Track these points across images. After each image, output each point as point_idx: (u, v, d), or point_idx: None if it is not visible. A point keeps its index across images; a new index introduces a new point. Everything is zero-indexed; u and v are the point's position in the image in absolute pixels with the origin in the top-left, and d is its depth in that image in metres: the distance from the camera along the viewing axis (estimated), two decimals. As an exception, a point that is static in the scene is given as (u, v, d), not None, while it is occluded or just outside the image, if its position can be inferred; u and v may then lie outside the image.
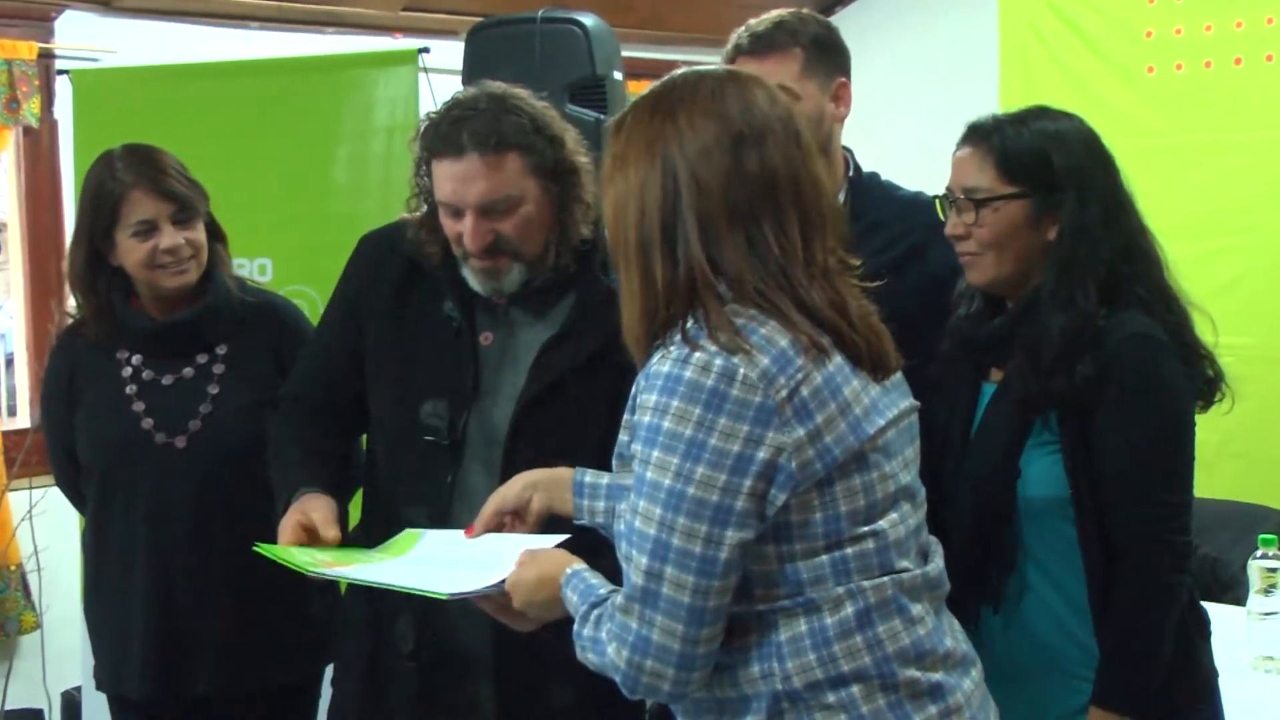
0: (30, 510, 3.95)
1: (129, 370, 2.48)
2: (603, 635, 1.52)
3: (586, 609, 1.57)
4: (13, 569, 4.06)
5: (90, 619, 2.57)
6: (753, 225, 1.51)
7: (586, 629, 1.56)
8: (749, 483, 1.45)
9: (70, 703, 3.91)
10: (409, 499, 2.05)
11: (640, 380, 1.52)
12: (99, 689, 2.59)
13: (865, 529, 1.52)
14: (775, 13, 2.26)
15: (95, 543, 2.51)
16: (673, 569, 1.46)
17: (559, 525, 1.82)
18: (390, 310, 2.11)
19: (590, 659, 1.56)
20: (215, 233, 2.51)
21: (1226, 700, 2.06)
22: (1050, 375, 1.91)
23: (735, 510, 1.46)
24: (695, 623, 1.47)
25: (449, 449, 2.03)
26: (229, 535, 2.36)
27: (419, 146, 2.02)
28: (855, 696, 1.51)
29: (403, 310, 2.10)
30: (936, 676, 1.55)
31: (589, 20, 3.28)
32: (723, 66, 1.77)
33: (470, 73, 3.25)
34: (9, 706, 4.02)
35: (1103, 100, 4.26)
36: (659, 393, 1.47)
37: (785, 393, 1.45)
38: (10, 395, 4.40)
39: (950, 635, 1.60)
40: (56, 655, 4.01)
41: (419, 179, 2.05)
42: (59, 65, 4.05)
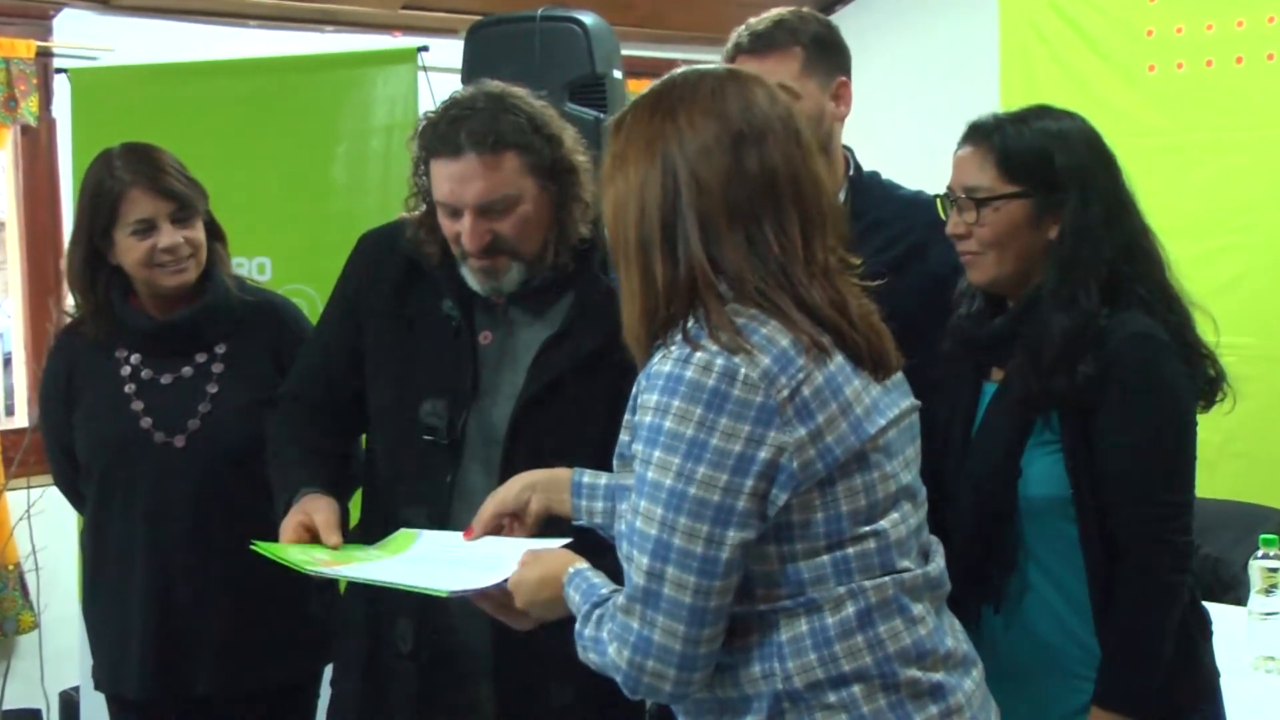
0: (28, 510, 3.94)
1: (128, 369, 2.47)
2: (604, 635, 1.52)
3: (589, 609, 1.57)
4: (11, 569, 4.06)
5: (88, 619, 2.57)
6: (753, 224, 1.50)
7: (588, 629, 1.56)
8: (750, 483, 1.45)
9: (68, 703, 3.91)
10: (408, 498, 2.05)
11: (641, 380, 1.52)
12: (97, 689, 2.59)
13: (866, 529, 1.52)
14: (775, 11, 2.25)
15: (94, 542, 2.51)
16: (674, 569, 1.46)
17: (557, 526, 1.82)
18: (389, 309, 2.11)
19: (592, 659, 1.55)
20: (214, 232, 2.51)
21: (1227, 700, 2.05)
22: (1051, 375, 1.90)
23: (737, 510, 1.45)
24: (697, 623, 1.46)
25: (448, 448, 2.02)
26: (228, 535, 2.36)
27: (417, 146, 2.02)
28: (856, 696, 1.50)
29: (402, 309, 2.10)
30: (937, 676, 1.54)
31: (589, 19, 3.27)
32: (723, 65, 1.77)
33: (469, 71, 3.24)
34: (7, 707, 4.01)
35: (1103, 99, 4.26)
36: (660, 393, 1.46)
37: (787, 392, 1.45)
38: (8, 394, 4.40)
39: (951, 635, 1.60)
40: (54, 655, 4.01)
41: (417, 178, 2.05)
42: (57, 64, 4.06)
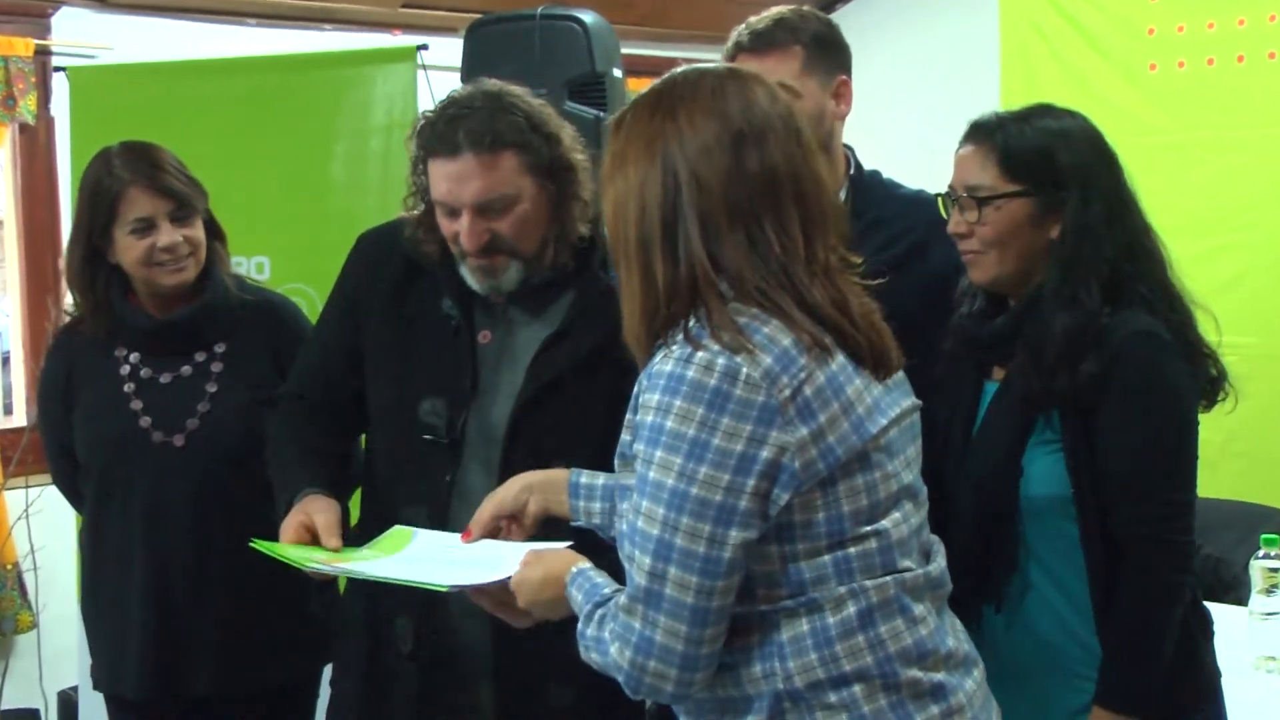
0: (27, 509, 3.94)
1: (127, 368, 2.47)
2: (606, 635, 1.52)
3: (591, 608, 1.57)
4: (9, 568, 4.06)
5: (87, 618, 2.56)
6: (754, 223, 1.50)
7: (590, 629, 1.55)
8: (752, 482, 1.45)
9: (67, 703, 3.91)
10: (408, 498, 2.04)
11: (643, 380, 1.52)
12: (96, 689, 2.58)
13: (868, 528, 1.51)
14: (776, 10, 2.25)
15: (92, 541, 2.51)
16: (676, 569, 1.45)
17: (555, 527, 1.81)
18: (389, 309, 2.10)
19: (593, 659, 1.55)
20: (214, 231, 2.50)
21: (1228, 701, 2.05)
22: (1053, 374, 1.90)
23: (739, 510, 1.45)
24: (699, 623, 1.46)
25: (448, 448, 2.02)
26: (227, 534, 2.35)
27: (415, 145, 2.01)
28: (857, 696, 1.50)
29: (401, 309, 2.10)
30: (938, 676, 1.54)
31: (589, 17, 3.27)
32: (723, 64, 1.77)
33: (469, 70, 3.24)
34: (5, 707, 4.01)
35: (1104, 98, 4.25)
36: (662, 392, 1.46)
37: (788, 392, 1.45)
38: (6, 393, 4.39)
39: (952, 635, 1.60)
40: (53, 655, 4.01)
41: (415, 178, 2.04)
42: (55, 62, 4.05)
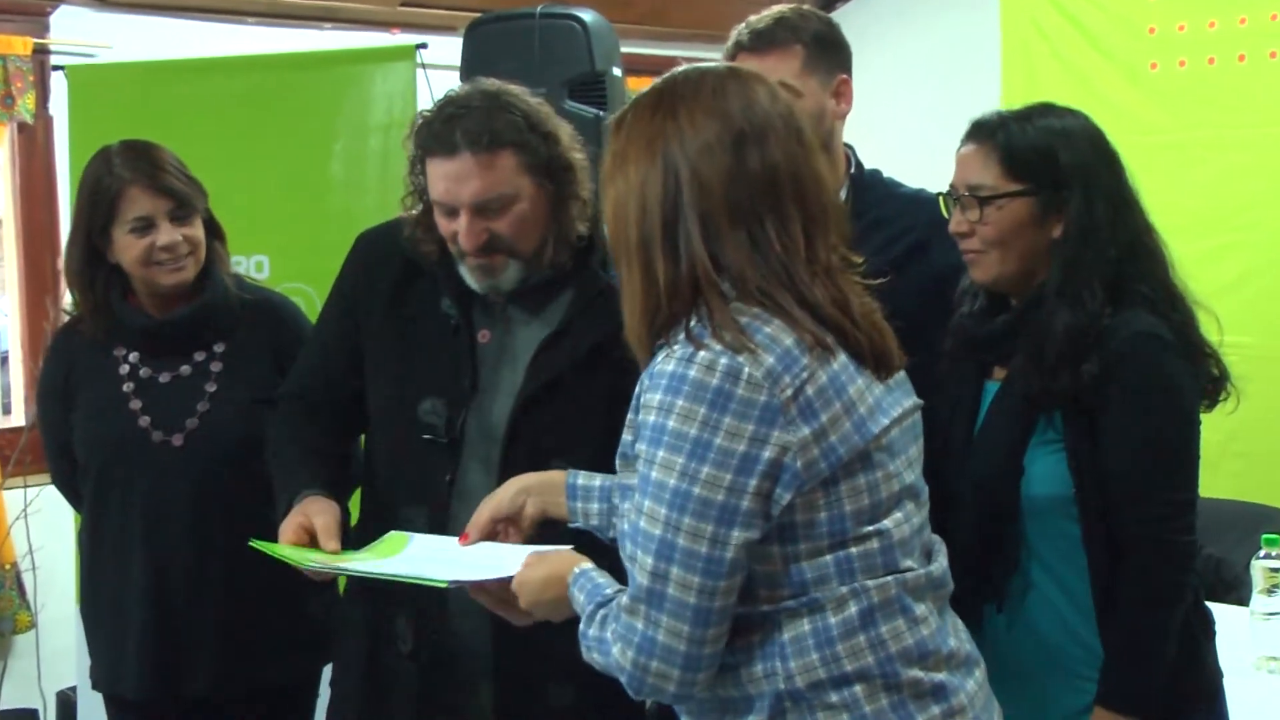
0: (25, 509, 3.94)
1: (126, 368, 2.46)
2: (608, 635, 1.51)
3: (593, 609, 1.56)
4: (8, 568, 4.05)
5: (86, 618, 2.56)
6: (755, 223, 1.50)
7: (592, 629, 1.55)
8: (754, 482, 1.44)
9: (66, 703, 3.91)
10: (408, 497, 2.04)
11: (644, 379, 1.51)
12: (95, 689, 2.58)
13: (870, 528, 1.51)
14: (776, 9, 2.25)
15: (91, 541, 2.50)
16: (678, 569, 1.45)
17: (553, 529, 1.81)
18: (388, 308, 2.10)
19: (596, 659, 1.55)
20: (214, 230, 2.50)
21: (1229, 701, 2.04)
22: (1055, 373, 1.90)
23: (741, 510, 1.45)
24: (701, 623, 1.46)
25: (447, 447, 2.02)
26: (226, 534, 2.35)
27: (413, 145, 2.01)
28: (858, 696, 1.50)
29: (400, 308, 2.09)
30: (940, 676, 1.54)
31: (588, 16, 3.26)
32: (724, 64, 1.76)
33: (468, 69, 3.24)
34: (4, 707, 4.01)
35: (1105, 97, 4.25)
36: (663, 392, 1.46)
37: (790, 392, 1.44)
38: (5, 393, 4.38)
39: (954, 635, 1.60)
40: (52, 655, 4.01)
41: (413, 177, 2.04)
42: (54, 61, 4.04)
